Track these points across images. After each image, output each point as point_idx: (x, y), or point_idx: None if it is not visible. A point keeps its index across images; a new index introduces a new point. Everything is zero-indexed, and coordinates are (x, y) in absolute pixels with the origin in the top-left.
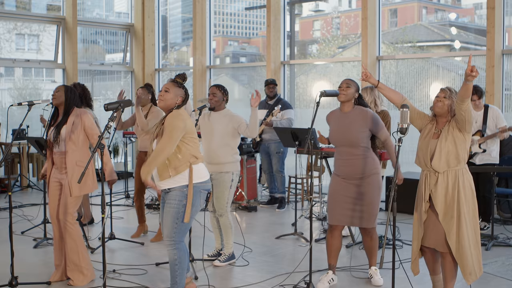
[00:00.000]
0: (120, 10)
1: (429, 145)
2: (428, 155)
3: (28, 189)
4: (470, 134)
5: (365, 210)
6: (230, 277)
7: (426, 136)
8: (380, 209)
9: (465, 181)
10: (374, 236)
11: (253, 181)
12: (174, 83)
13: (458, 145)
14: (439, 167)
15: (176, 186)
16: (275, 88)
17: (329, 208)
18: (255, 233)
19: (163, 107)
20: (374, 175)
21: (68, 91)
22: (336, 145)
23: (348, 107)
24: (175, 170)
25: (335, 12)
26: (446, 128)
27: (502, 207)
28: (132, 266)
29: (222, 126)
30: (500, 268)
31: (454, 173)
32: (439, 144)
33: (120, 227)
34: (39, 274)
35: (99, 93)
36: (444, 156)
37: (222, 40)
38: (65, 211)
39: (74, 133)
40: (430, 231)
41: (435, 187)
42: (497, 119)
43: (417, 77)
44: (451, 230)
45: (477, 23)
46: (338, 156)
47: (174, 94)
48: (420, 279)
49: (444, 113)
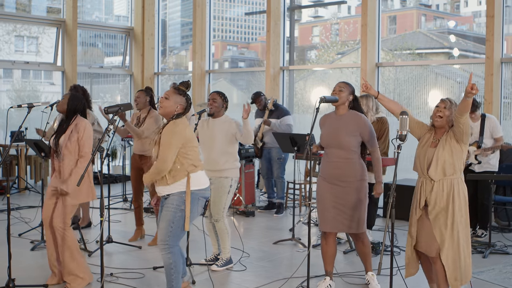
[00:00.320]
0: (119, 13)
1: (426, 154)
2: (425, 163)
3: (26, 191)
4: (467, 145)
5: (354, 215)
6: (227, 282)
7: (424, 145)
8: (377, 215)
9: (460, 191)
10: (365, 240)
11: (251, 186)
12: (175, 90)
13: (454, 155)
14: (435, 175)
15: (175, 191)
16: (261, 101)
17: (319, 215)
18: (253, 238)
19: (162, 114)
20: (362, 181)
21: (71, 100)
22: (326, 147)
23: (342, 110)
24: (173, 178)
25: (334, 18)
26: (444, 138)
27: (500, 215)
28: (130, 270)
29: (222, 134)
30: (497, 276)
31: (449, 182)
32: (436, 153)
33: (118, 231)
34: (36, 276)
35: (98, 96)
36: (440, 165)
37: (221, 44)
38: (63, 219)
39: (70, 141)
40: (423, 236)
41: (430, 194)
42: (493, 129)
43: (415, 84)
44: (442, 237)
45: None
46: (326, 158)
47: (174, 101)
48: (417, 285)
49: (443, 125)
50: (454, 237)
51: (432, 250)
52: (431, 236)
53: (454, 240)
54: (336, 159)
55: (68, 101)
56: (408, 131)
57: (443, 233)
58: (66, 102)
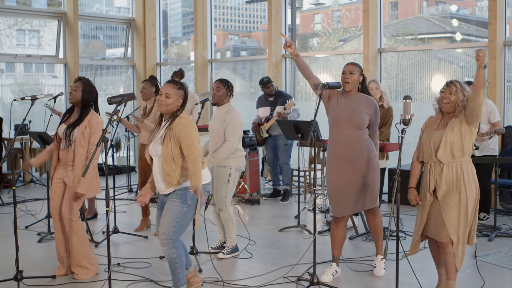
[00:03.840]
0: (120, 4)
1: (432, 137)
2: (432, 147)
3: (31, 184)
4: (476, 128)
5: (367, 192)
6: (234, 270)
7: (429, 131)
8: (383, 200)
9: (469, 173)
10: (378, 213)
11: (256, 174)
12: (173, 85)
13: (463, 138)
14: (444, 158)
15: (181, 187)
16: (271, 87)
17: (331, 200)
18: (259, 226)
19: (165, 112)
20: (374, 158)
21: (86, 88)
22: (336, 124)
23: (353, 91)
24: (183, 177)
25: (335, 5)
26: (453, 120)
27: (505, 198)
28: (136, 260)
29: (220, 123)
30: (503, 259)
31: (459, 164)
32: (445, 136)
33: (124, 221)
34: (44, 268)
35: (100, 88)
36: (449, 148)
37: (223, 34)
38: (70, 209)
39: (83, 136)
40: (432, 221)
41: (440, 177)
42: (490, 114)
43: (418, 69)
44: (451, 221)
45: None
46: (335, 138)
47: (176, 97)
48: (424, 269)
49: (451, 110)
50: (462, 221)
51: (441, 236)
52: (441, 221)
53: (462, 223)
54: (346, 138)
55: (83, 91)
56: (412, 115)
57: (452, 215)
58: (80, 92)
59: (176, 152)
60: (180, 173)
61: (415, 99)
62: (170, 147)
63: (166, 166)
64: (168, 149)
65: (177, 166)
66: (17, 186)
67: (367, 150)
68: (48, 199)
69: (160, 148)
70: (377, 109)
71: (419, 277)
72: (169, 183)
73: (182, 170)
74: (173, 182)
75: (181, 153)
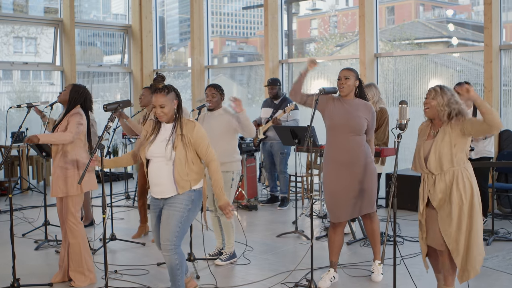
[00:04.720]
0: (117, 11)
1: (421, 148)
2: (422, 158)
3: (28, 192)
4: (470, 138)
5: (365, 198)
6: (231, 276)
7: (419, 141)
8: (380, 205)
9: (465, 180)
10: (375, 218)
11: (253, 180)
12: (161, 93)
13: (454, 147)
14: (434, 168)
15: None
16: (275, 89)
17: (329, 206)
18: (256, 232)
19: (167, 121)
20: (371, 163)
21: (73, 91)
22: (334, 129)
23: (350, 96)
24: (195, 181)
25: (332, 11)
26: (443, 129)
27: (502, 202)
28: (134, 267)
29: (220, 126)
30: (500, 263)
31: (451, 173)
32: (435, 145)
33: (121, 228)
34: (41, 275)
35: (98, 95)
36: (438, 158)
37: (219, 40)
38: (66, 210)
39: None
40: (429, 230)
41: (433, 188)
42: None
43: (415, 74)
44: (447, 229)
45: (474, 19)
46: (333, 144)
47: (170, 103)
48: (421, 275)
49: (433, 115)
50: (462, 229)
51: (438, 244)
52: (437, 230)
53: (462, 232)
54: (344, 143)
55: (70, 93)
56: (408, 119)
57: (449, 225)
58: (68, 93)
59: (191, 155)
60: (192, 178)
61: (412, 104)
62: (185, 152)
63: (181, 170)
64: (183, 154)
65: (191, 171)
66: (14, 193)
67: (364, 155)
68: (45, 207)
69: (170, 152)
70: (374, 114)
71: (417, 282)
72: (182, 188)
73: (194, 175)
74: (186, 186)
75: (196, 156)
